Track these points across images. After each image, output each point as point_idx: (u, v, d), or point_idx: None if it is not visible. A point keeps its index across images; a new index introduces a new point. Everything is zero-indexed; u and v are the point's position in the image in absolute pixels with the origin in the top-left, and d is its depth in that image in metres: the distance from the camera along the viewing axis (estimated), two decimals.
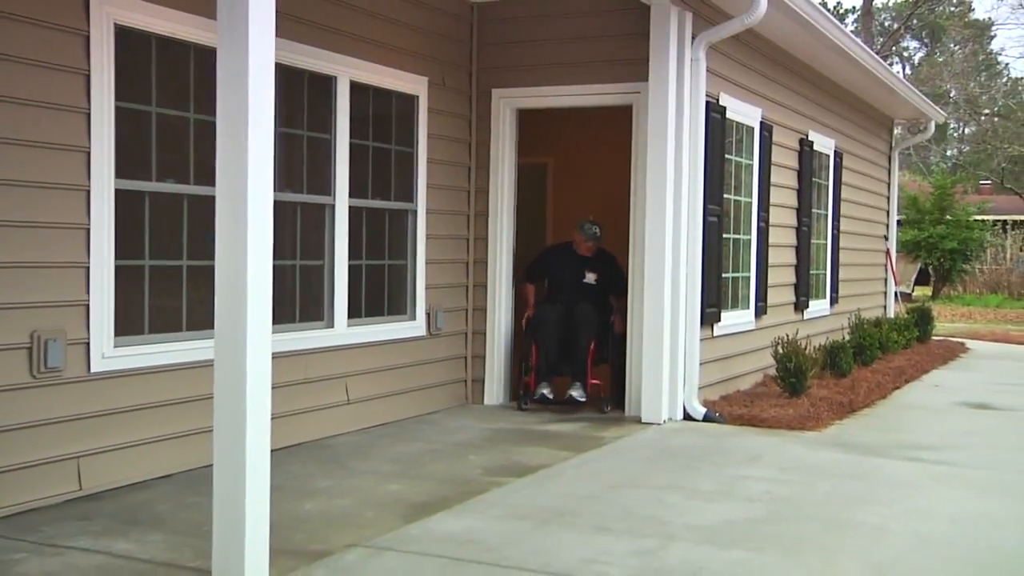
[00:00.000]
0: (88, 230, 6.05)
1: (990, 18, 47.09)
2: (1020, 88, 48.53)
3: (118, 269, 6.25)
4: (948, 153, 49.58)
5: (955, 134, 49.26)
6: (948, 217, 30.96)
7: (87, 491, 6.06)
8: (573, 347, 9.32)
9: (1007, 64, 50.06)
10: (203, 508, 4.75)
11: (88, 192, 6.04)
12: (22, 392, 5.75)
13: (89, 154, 6.04)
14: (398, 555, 5.12)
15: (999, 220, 37.20)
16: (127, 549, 5.11)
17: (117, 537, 5.29)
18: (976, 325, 22.07)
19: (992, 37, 48.33)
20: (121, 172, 6.25)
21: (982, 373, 13.28)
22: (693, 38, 8.87)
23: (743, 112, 10.38)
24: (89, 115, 6.03)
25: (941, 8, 46.65)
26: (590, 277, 9.68)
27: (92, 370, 6.10)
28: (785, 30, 10.41)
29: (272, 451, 4.67)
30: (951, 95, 43.64)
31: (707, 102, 9.20)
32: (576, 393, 9.11)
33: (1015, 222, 38.11)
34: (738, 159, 10.41)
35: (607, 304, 9.64)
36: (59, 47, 5.87)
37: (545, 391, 9.18)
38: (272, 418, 4.65)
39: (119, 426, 6.27)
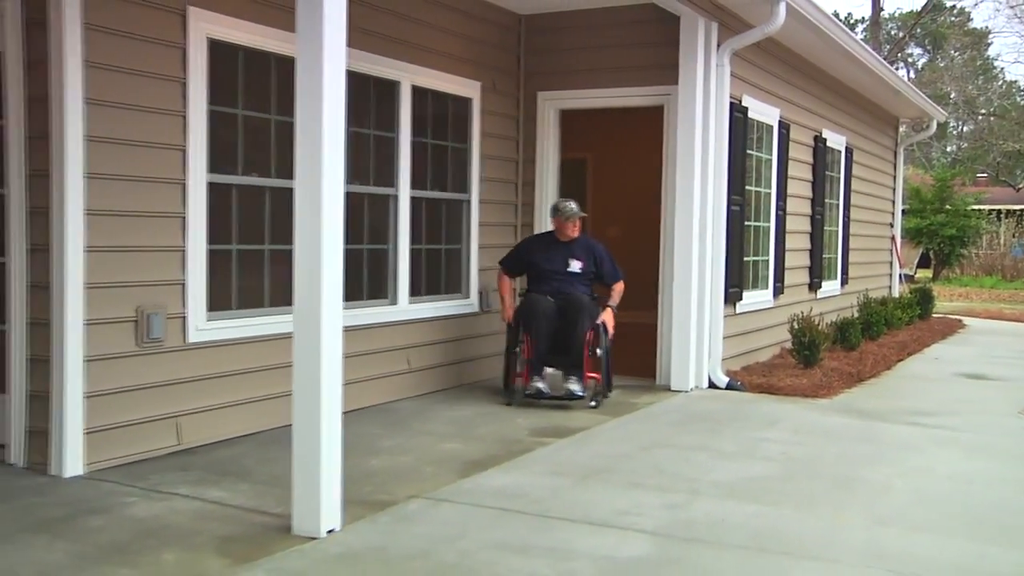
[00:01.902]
0: (184, 218, 6.11)
1: (987, 27, 46.64)
2: (1014, 90, 47.94)
3: (210, 252, 6.31)
4: (948, 149, 48.98)
5: (954, 132, 48.62)
6: (948, 207, 30.64)
7: (184, 446, 6.14)
8: (568, 338, 7.98)
9: (1002, 69, 49.55)
10: (283, 462, 4.79)
11: (184, 185, 6.10)
12: (130, 359, 5.85)
13: (185, 152, 6.10)
14: (454, 506, 5.14)
15: (994, 209, 36.86)
16: (219, 496, 5.18)
17: (211, 486, 5.36)
18: (972, 304, 21.82)
19: (989, 44, 47.71)
20: (212, 167, 6.30)
21: (977, 347, 13.15)
22: (718, 45, 8.81)
23: (763, 112, 10.29)
24: (185, 118, 6.09)
25: (942, 18, 46.00)
26: (575, 265, 8.32)
27: (188, 341, 6.18)
28: (801, 38, 10.30)
29: (343, 413, 4.71)
30: (951, 97, 43.15)
31: (731, 103, 9.13)
32: (575, 387, 7.85)
33: (1008, 211, 37.77)
34: (759, 154, 10.32)
35: (593, 293, 8.39)
36: (161, 59, 5.93)
37: (540, 385, 7.89)
38: (343, 384, 4.69)
39: (211, 390, 6.34)
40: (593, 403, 7.91)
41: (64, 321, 5.48)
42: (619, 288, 8.46)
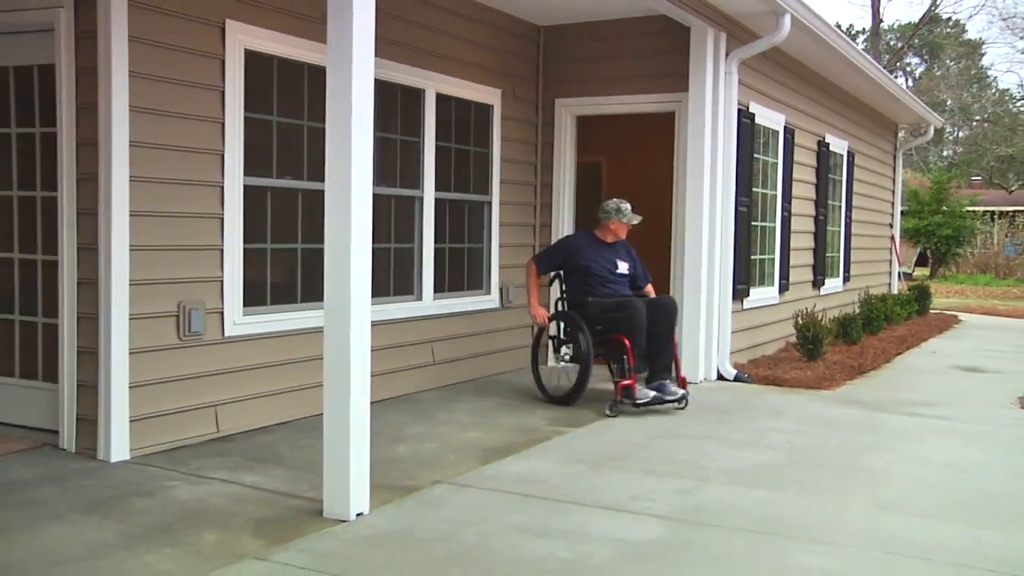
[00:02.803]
0: (222, 219, 6.13)
1: (981, 38, 46.40)
2: (1006, 98, 47.72)
3: (246, 251, 6.33)
4: (944, 153, 48.72)
5: (950, 137, 48.37)
6: (944, 208, 30.52)
7: (222, 433, 6.16)
8: (662, 341, 7.38)
9: (995, 77, 49.30)
10: (315, 449, 4.80)
11: (222, 188, 6.12)
12: (172, 351, 5.87)
13: (223, 156, 6.12)
14: (476, 491, 5.14)
15: (988, 211, 36.84)
16: (255, 481, 5.19)
17: (247, 471, 5.37)
18: (968, 300, 21.69)
19: (983, 55, 47.50)
20: (248, 171, 6.32)
21: (972, 341, 13.07)
22: (727, 55, 8.79)
23: (769, 118, 10.25)
24: (223, 124, 6.11)
25: (939, 29, 45.78)
26: (623, 267, 7.76)
27: (226, 334, 6.19)
28: (805, 48, 10.26)
29: (371, 403, 4.71)
30: (947, 104, 42.98)
31: (738, 109, 9.09)
32: (680, 390, 7.33)
33: (1001, 212, 37.73)
34: (765, 158, 10.28)
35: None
36: (201, 69, 5.96)
37: (654, 392, 7.23)
38: (371, 375, 4.69)
39: (247, 380, 6.36)
40: (685, 404, 7.38)
41: (110, 316, 5.51)
42: (650, 289, 8.03)
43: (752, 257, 9.97)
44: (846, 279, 14.07)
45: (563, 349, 7.95)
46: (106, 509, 4.66)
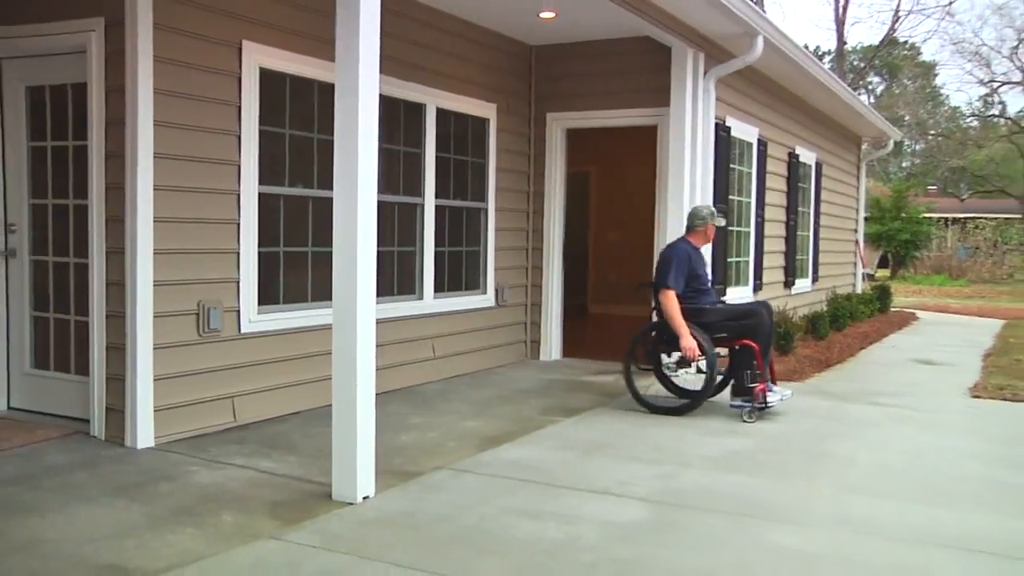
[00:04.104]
0: (238, 224, 6.11)
1: (935, 60, 46.64)
2: (958, 115, 48.04)
3: (260, 254, 6.31)
4: (903, 164, 48.88)
5: (908, 150, 48.52)
6: (903, 215, 30.64)
7: (239, 422, 6.14)
8: (768, 346, 7.01)
9: (948, 96, 49.64)
10: (325, 437, 4.78)
11: (238, 196, 6.10)
12: (193, 347, 5.85)
13: (239, 167, 6.10)
14: (475, 476, 5.12)
15: (942, 217, 37.21)
16: (270, 467, 5.17)
17: (262, 458, 5.35)
18: (924, 299, 21.72)
19: (936, 75, 47.69)
20: (263, 180, 6.30)
21: (928, 336, 13.09)
22: (705, 73, 8.78)
23: (744, 131, 10.24)
24: (240, 137, 6.08)
25: (897, 52, 45.93)
26: (709, 272, 7.38)
27: (242, 331, 6.17)
28: (777, 67, 10.26)
29: (376, 395, 4.69)
30: (905, 119, 43.10)
31: (716, 123, 9.08)
32: (784, 392, 7.04)
33: (954, 219, 38.06)
34: (740, 168, 10.27)
35: None
36: (219, 86, 5.94)
37: (781, 395, 6.92)
38: (376, 369, 4.67)
39: (262, 374, 6.33)
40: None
41: (136, 314, 5.49)
42: None
43: (728, 259, 9.96)
44: (815, 280, 14.07)
45: (674, 355, 7.18)
46: (133, 492, 4.65)
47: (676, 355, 7.13)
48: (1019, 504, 4.85)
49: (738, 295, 10.36)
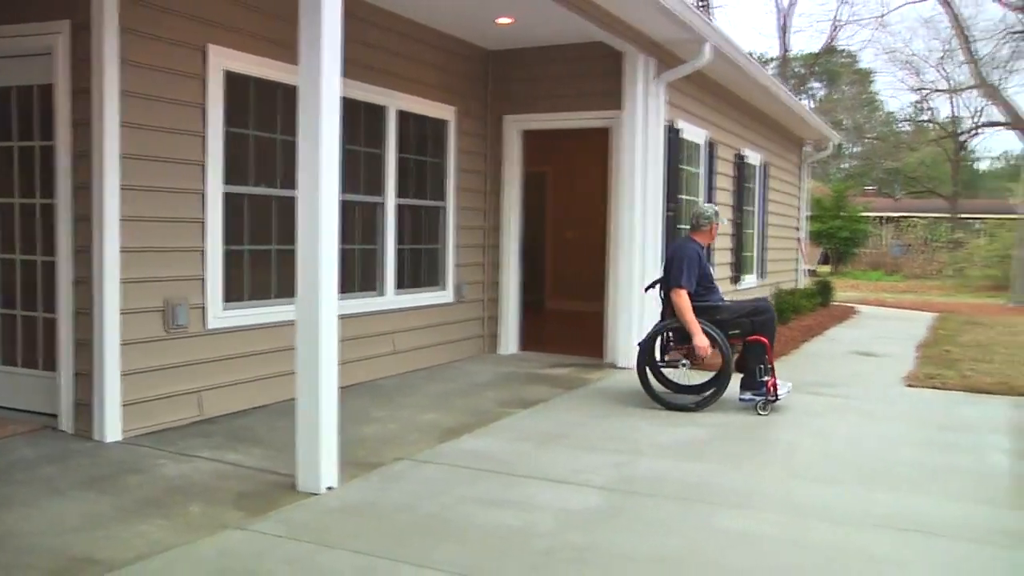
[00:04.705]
0: (204, 223, 6.04)
1: (871, 68, 47.49)
2: (892, 120, 48.93)
3: (226, 252, 6.25)
4: (842, 166, 49.51)
5: (847, 152, 49.15)
6: (843, 214, 31.08)
7: (205, 416, 6.08)
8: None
9: (883, 102, 50.55)
10: (289, 430, 4.75)
11: (204, 195, 6.03)
12: (160, 343, 5.78)
13: (204, 167, 6.03)
14: (435, 466, 5.12)
15: (878, 216, 37.80)
16: (236, 459, 5.13)
17: (228, 450, 5.30)
18: (863, 294, 22.03)
19: (872, 82, 48.44)
20: (228, 180, 6.23)
21: (867, 329, 13.26)
22: (656, 77, 8.82)
23: (693, 133, 10.31)
24: (204, 138, 6.02)
25: (836, 59, 46.55)
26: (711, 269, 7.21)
27: (208, 327, 6.11)
28: (725, 72, 10.34)
29: (339, 389, 4.67)
30: (844, 123, 43.73)
31: (666, 125, 9.14)
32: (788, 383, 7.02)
33: (889, 218, 38.68)
34: (689, 169, 10.34)
35: None
36: (184, 88, 5.87)
37: (786, 387, 6.94)
38: (338, 363, 4.65)
39: (227, 368, 6.27)
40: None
41: (103, 311, 5.41)
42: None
43: None
44: (760, 275, 14.21)
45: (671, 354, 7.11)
46: (102, 485, 4.58)
47: (674, 355, 7.03)
48: (949, 486, 4.94)
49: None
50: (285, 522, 4.11)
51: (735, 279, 12.59)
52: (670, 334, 6.99)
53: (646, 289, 7.76)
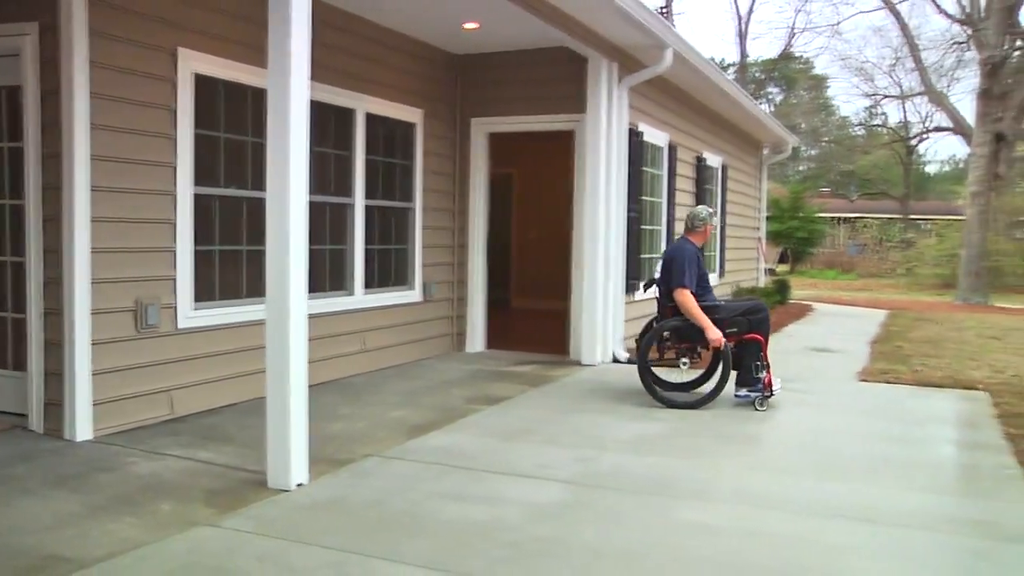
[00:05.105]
0: (175, 224, 5.98)
1: (826, 74, 48.12)
2: (846, 124, 49.53)
3: (196, 252, 6.19)
4: (800, 168, 50.06)
5: (804, 154, 49.71)
6: (800, 214, 31.38)
7: (177, 415, 6.02)
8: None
9: (838, 107, 51.24)
10: (260, 428, 4.71)
11: (174, 196, 5.97)
12: (130, 343, 5.72)
13: (175, 168, 5.97)
14: (403, 462, 5.10)
15: (834, 217, 38.27)
16: (207, 456, 5.08)
17: (199, 448, 5.25)
18: (819, 292, 22.25)
19: (827, 87, 49.07)
20: (198, 181, 6.18)
21: (823, 326, 13.39)
22: (619, 81, 8.86)
23: (655, 136, 10.37)
24: (175, 140, 5.96)
25: (793, 65, 47.05)
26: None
27: (179, 327, 6.05)
28: (686, 77, 10.41)
29: (308, 387, 4.65)
30: (801, 127, 44.24)
31: (629, 129, 9.18)
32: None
33: (844, 218, 39.13)
34: (652, 171, 10.40)
35: None
36: (155, 90, 5.81)
37: (780, 382, 6.98)
38: (308, 362, 4.62)
39: (198, 367, 6.21)
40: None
41: (74, 311, 5.34)
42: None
43: (641, 256, 10.07)
44: (721, 274, 14.30)
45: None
46: (73, 484, 4.52)
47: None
48: (900, 477, 5.01)
49: (651, 289, 10.47)
50: (256, 519, 4.08)
51: None
52: (668, 333, 6.99)
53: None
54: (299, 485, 4.54)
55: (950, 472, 5.27)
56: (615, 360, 8.95)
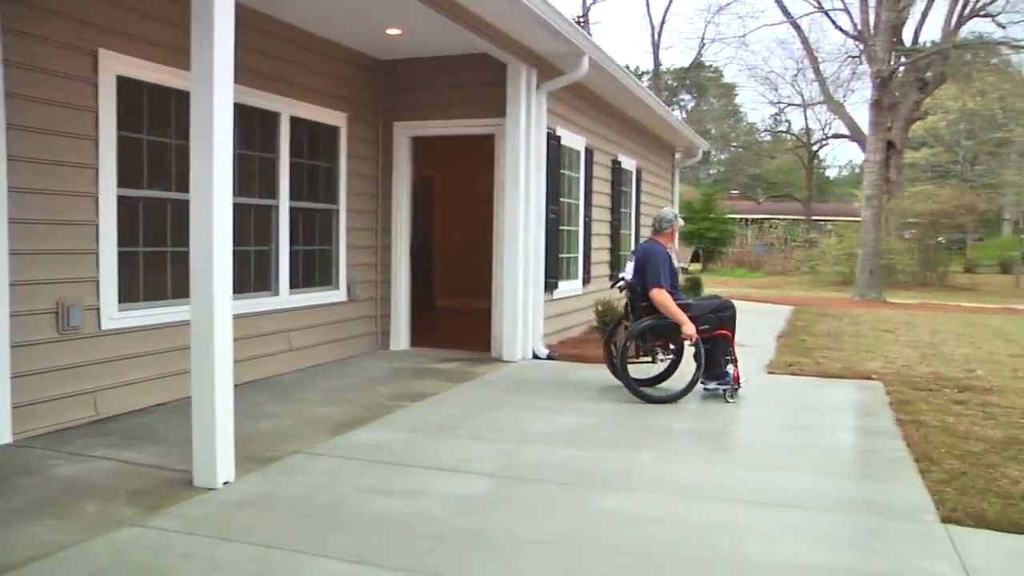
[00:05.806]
0: (97, 226, 5.81)
1: (734, 83, 49.17)
2: (754, 130, 50.70)
3: (120, 254, 6.02)
4: (710, 171, 51.05)
5: (714, 159, 50.72)
6: (711, 215, 32.01)
7: (102, 415, 5.84)
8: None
9: (746, 114, 52.42)
10: (187, 428, 4.60)
11: (97, 198, 5.80)
12: (53, 345, 5.53)
13: (98, 170, 5.79)
14: (329, 458, 5.05)
15: (743, 218, 39.13)
16: (133, 457, 4.95)
17: (125, 449, 5.11)
18: (730, 289, 22.67)
19: (736, 95, 50.11)
20: (121, 183, 6.00)
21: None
22: (537, 87, 8.91)
23: (573, 140, 10.44)
24: (97, 142, 5.78)
25: (703, 73, 47.92)
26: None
27: (102, 328, 5.88)
28: (602, 84, 10.51)
29: (235, 386, 4.57)
30: (712, 132, 45.12)
31: (547, 133, 9.23)
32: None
33: (752, 219, 40.03)
34: (570, 173, 10.47)
35: None
36: (75, 92, 5.62)
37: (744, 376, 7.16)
38: (234, 361, 4.54)
39: (123, 368, 6.04)
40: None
41: None
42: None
43: (560, 255, 10.15)
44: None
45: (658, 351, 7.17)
46: None
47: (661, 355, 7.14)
48: (806, 462, 5.14)
49: (569, 288, 10.58)
50: (182, 517, 3.99)
51: (613, 276, 12.79)
52: (646, 332, 7.01)
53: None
54: (225, 483, 4.45)
55: (848, 457, 5.44)
56: (535, 356, 8.99)
